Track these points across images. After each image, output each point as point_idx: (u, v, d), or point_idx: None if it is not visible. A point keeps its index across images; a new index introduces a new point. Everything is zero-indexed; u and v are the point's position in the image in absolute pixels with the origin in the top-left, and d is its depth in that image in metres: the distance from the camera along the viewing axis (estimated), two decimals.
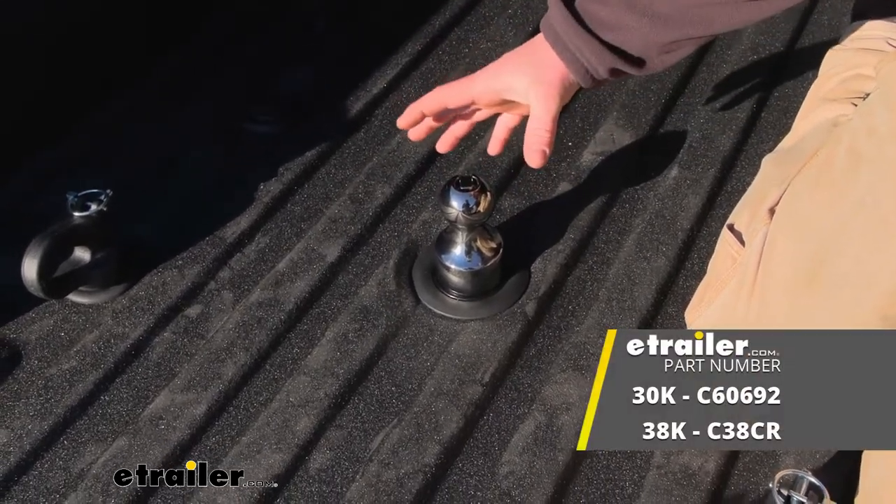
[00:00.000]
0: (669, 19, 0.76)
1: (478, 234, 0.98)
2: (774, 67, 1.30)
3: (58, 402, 0.91)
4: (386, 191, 1.12)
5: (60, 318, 0.98)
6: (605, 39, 0.79)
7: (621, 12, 0.77)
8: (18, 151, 1.09)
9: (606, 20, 0.78)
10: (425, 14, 1.34)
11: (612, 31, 0.78)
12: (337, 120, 1.19)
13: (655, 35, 0.77)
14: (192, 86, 1.23)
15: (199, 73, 1.24)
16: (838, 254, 0.77)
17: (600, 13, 0.78)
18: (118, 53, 1.19)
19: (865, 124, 0.80)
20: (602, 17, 0.78)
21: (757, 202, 0.89)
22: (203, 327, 0.98)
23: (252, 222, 1.08)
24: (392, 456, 0.88)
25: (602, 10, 0.78)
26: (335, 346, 0.96)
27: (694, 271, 1.06)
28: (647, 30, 0.77)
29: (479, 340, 0.98)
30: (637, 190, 1.14)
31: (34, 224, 0.95)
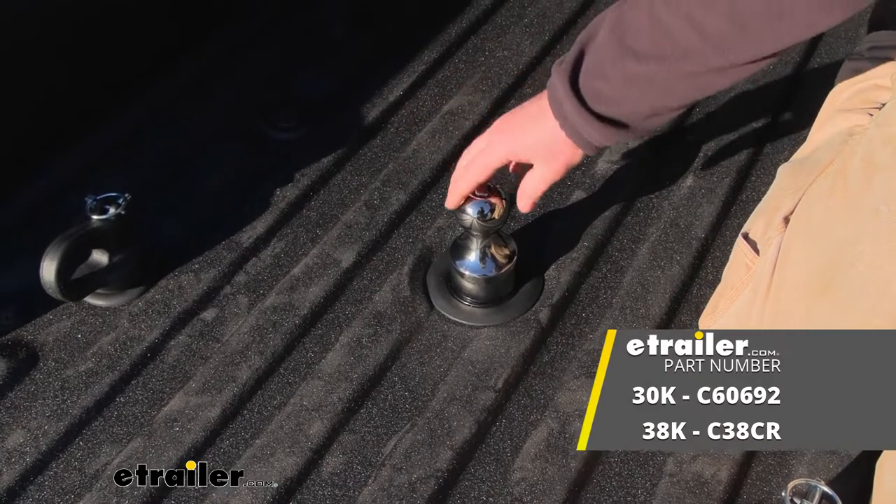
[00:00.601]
0: (669, 89, 0.78)
1: (492, 240, 0.99)
2: (790, 78, 1.30)
3: (74, 403, 0.92)
4: (401, 197, 1.12)
5: (78, 321, 0.99)
6: (602, 114, 0.81)
7: (622, 87, 0.79)
8: (38, 154, 1.10)
9: (608, 95, 0.80)
10: (442, 22, 1.35)
11: (611, 105, 0.80)
12: (353, 126, 1.20)
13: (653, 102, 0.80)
14: (210, 90, 1.24)
15: (217, 78, 1.25)
16: (853, 262, 0.77)
17: (602, 89, 0.80)
18: (138, 56, 1.20)
19: (881, 134, 0.80)
20: (604, 92, 0.80)
21: (772, 211, 0.89)
22: (218, 331, 0.99)
23: (268, 227, 1.08)
24: (405, 461, 0.88)
25: (604, 86, 0.80)
26: (349, 351, 0.97)
27: (708, 280, 1.06)
28: (652, 98, 0.79)
29: (493, 347, 0.98)
30: (652, 198, 1.15)
31: (53, 227, 0.96)
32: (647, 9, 0.75)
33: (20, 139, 1.09)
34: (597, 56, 0.79)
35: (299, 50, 1.31)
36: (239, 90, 1.24)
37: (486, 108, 1.23)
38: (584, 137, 0.82)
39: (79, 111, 1.14)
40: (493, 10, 1.40)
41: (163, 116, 1.20)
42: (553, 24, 1.37)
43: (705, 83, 0.76)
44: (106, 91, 1.17)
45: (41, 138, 1.11)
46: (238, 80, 1.26)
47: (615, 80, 0.78)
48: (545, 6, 1.40)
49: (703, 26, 0.72)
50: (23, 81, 1.08)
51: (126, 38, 1.18)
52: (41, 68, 1.10)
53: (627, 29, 0.77)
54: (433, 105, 1.25)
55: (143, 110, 1.20)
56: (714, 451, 0.88)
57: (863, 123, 0.91)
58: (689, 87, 0.77)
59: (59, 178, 1.11)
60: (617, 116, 0.81)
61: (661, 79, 0.76)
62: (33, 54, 1.08)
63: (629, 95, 0.78)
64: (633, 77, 0.77)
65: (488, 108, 1.23)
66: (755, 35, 0.71)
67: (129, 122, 1.18)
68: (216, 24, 1.31)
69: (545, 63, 1.32)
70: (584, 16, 1.39)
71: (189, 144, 1.17)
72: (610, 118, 0.81)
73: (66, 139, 1.13)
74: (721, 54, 0.73)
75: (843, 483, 0.84)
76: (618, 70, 0.77)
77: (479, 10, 1.38)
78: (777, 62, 1.32)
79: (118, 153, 1.15)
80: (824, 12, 0.68)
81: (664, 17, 0.74)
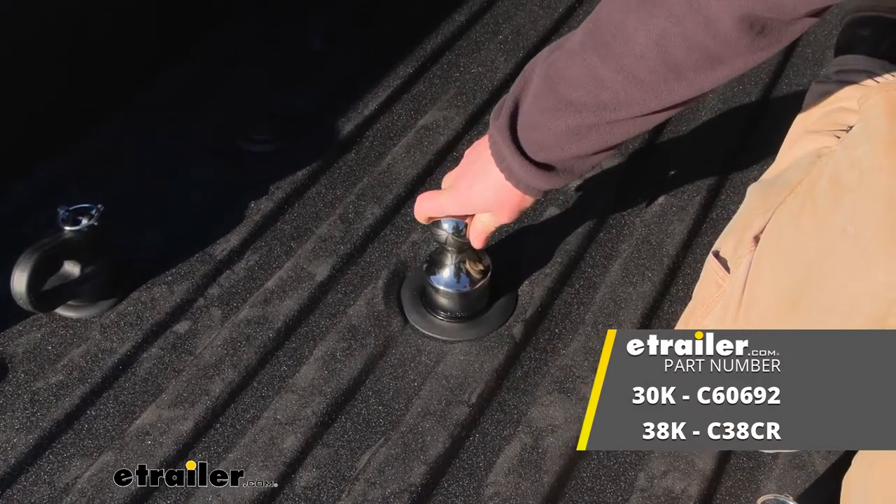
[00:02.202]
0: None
1: (467, 256, 0.99)
2: (759, 100, 1.33)
3: (44, 416, 0.91)
4: (376, 211, 1.13)
5: (48, 332, 0.98)
6: (544, 162, 0.82)
7: (562, 136, 0.80)
8: (16, 165, 1.10)
9: (549, 144, 0.81)
10: (417, 38, 1.36)
11: (552, 152, 0.82)
12: (329, 140, 1.21)
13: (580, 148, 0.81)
14: (188, 104, 1.23)
15: (194, 92, 1.25)
16: (821, 280, 0.79)
17: (542, 139, 0.81)
18: (118, 69, 1.20)
19: (848, 156, 0.82)
20: (545, 141, 0.81)
21: (742, 230, 0.91)
22: (191, 343, 0.99)
23: (242, 240, 1.08)
24: (378, 475, 0.88)
25: (544, 137, 0.81)
26: (323, 365, 0.97)
27: (679, 297, 1.07)
28: (593, 142, 0.80)
29: (467, 361, 0.98)
30: (624, 216, 1.16)
31: (26, 237, 0.95)
32: (580, 59, 0.76)
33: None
34: (533, 108, 0.80)
35: (276, 65, 1.31)
36: (215, 105, 1.24)
37: (461, 123, 1.24)
38: (531, 185, 0.84)
39: (56, 124, 1.14)
40: (468, 26, 1.41)
41: (140, 131, 1.20)
42: (527, 41, 1.38)
43: (646, 122, 0.78)
44: (84, 104, 1.16)
45: (17, 149, 1.10)
46: (215, 95, 1.26)
47: (554, 131, 0.79)
48: (519, 23, 1.41)
49: (640, 78, 0.73)
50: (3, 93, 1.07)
51: (105, 54, 1.18)
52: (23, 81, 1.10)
53: (561, 79, 0.77)
54: (408, 120, 1.26)
55: (120, 123, 1.19)
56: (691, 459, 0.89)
57: (830, 145, 0.93)
58: (629, 128, 0.78)
59: (33, 189, 1.10)
60: (558, 162, 0.82)
61: (601, 126, 0.78)
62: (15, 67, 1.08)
63: (570, 142, 0.80)
64: (573, 127, 0.78)
65: (463, 123, 1.24)
66: (692, 80, 0.73)
67: (106, 135, 1.18)
68: (194, 40, 1.31)
69: None
70: (558, 33, 1.41)
71: (165, 158, 1.17)
72: (553, 164, 0.82)
73: (43, 151, 1.13)
74: (660, 99, 0.75)
75: (810, 499, 0.86)
76: (557, 121, 0.78)
77: (454, 26, 1.40)
78: (746, 83, 1.34)
79: (96, 165, 1.14)
80: (755, 54, 0.71)
81: (598, 68, 0.75)
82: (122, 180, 1.13)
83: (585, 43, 0.76)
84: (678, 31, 0.70)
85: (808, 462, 0.91)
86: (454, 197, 0.91)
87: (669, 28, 0.70)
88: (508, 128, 0.82)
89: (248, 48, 1.33)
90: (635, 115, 0.77)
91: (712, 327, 0.90)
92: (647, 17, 0.71)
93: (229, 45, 1.33)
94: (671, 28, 0.70)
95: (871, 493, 0.79)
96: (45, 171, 1.12)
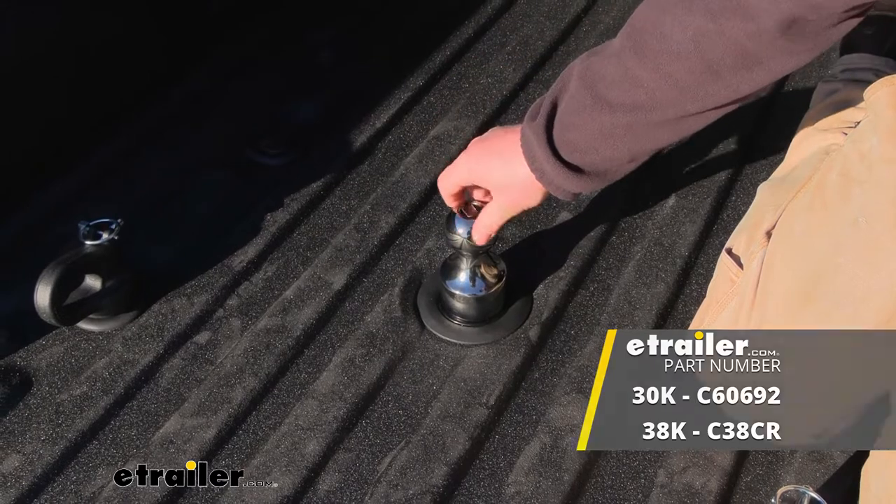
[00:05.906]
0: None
1: (482, 260, 1.01)
2: (767, 100, 1.34)
3: (69, 427, 0.92)
4: (390, 220, 1.14)
5: (71, 345, 1.00)
6: (577, 164, 0.82)
7: (597, 137, 0.79)
8: (32, 181, 1.12)
9: (583, 145, 0.80)
10: (426, 50, 1.38)
11: (587, 154, 0.81)
12: (342, 152, 1.22)
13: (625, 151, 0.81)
14: (201, 116, 1.25)
15: (207, 105, 1.27)
16: (833, 273, 0.80)
17: (577, 140, 0.80)
18: (129, 84, 1.22)
19: (856, 150, 0.83)
20: (579, 143, 0.80)
21: (754, 226, 0.92)
22: (212, 353, 1.00)
23: (259, 252, 1.10)
24: (400, 477, 0.89)
25: (579, 137, 0.80)
26: (342, 371, 0.98)
27: (693, 297, 1.08)
28: (629, 145, 0.80)
29: (484, 365, 0.99)
30: (636, 218, 1.17)
31: (47, 253, 0.97)
32: (616, 60, 0.76)
33: (14, 166, 1.10)
34: (569, 107, 0.79)
35: (288, 78, 1.33)
36: (228, 117, 1.26)
37: (471, 133, 1.26)
38: (561, 187, 0.83)
39: (71, 138, 1.16)
40: (476, 38, 1.43)
41: (154, 143, 1.21)
42: (534, 52, 1.40)
43: (681, 127, 0.77)
44: (98, 119, 1.18)
45: (34, 165, 1.12)
46: (227, 107, 1.28)
47: (589, 131, 0.78)
48: (527, 34, 1.43)
49: (676, 77, 0.73)
50: (16, 109, 1.09)
51: (117, 67, 1.20)
52: (34, 96, 1.12)
53: (598, 79, 0.77)
54: (419, 130, 1.27)
55: (134, 137, 1.21)
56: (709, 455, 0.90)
57: (838, 142, 0.94)
58: (665, 133, 0.78)
59: (51, 205, 1.12)
60: (592, 165, 0.81)
61: (636, 127, 0.77)
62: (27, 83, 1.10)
63: (605, 144, 0.79)
64: (608, 127, 0.77)
65: (473, 132, 1.26)
66: (728, 81, 0.72)
67: (120, 149, 1.20)
68: (205, 53, 1.33)
69: (527, 89, 1.35)
70: (565, 43, 1.42)
71: (179, 171, 1.18)
72: (585, 167, 0.81)
73: (60, 166, 1.15)
74: (696, 101, 0.74)
75: (830, 489, 0.86)
76: (592, 121, 0.77)
77: (462, 38, 1.42)
78: None
79: (111, 179, 1.16)
80: (793, 57, 0.71)
81: (634, 68, 0.74)
82: (136, 194, 1.15)
83: (623, 44, 0.76)
84: (715, 28, 0.69)
85: (827, 455, 0.92)
86: (478, 163, 0.89)
87: (706, 25, 0.69)
88: (545, 129, 0.81)
89: (259, 62, 1.35)
90: (670, 118, 0.76)
91: (727, 323, 0.91)
92: (685, 13, 0.71)
93: (240, 59, 1.35)
94: (708, 25, 0.69)
95: (890, 483, 0.79)
96: (62, 188, 1.14)
